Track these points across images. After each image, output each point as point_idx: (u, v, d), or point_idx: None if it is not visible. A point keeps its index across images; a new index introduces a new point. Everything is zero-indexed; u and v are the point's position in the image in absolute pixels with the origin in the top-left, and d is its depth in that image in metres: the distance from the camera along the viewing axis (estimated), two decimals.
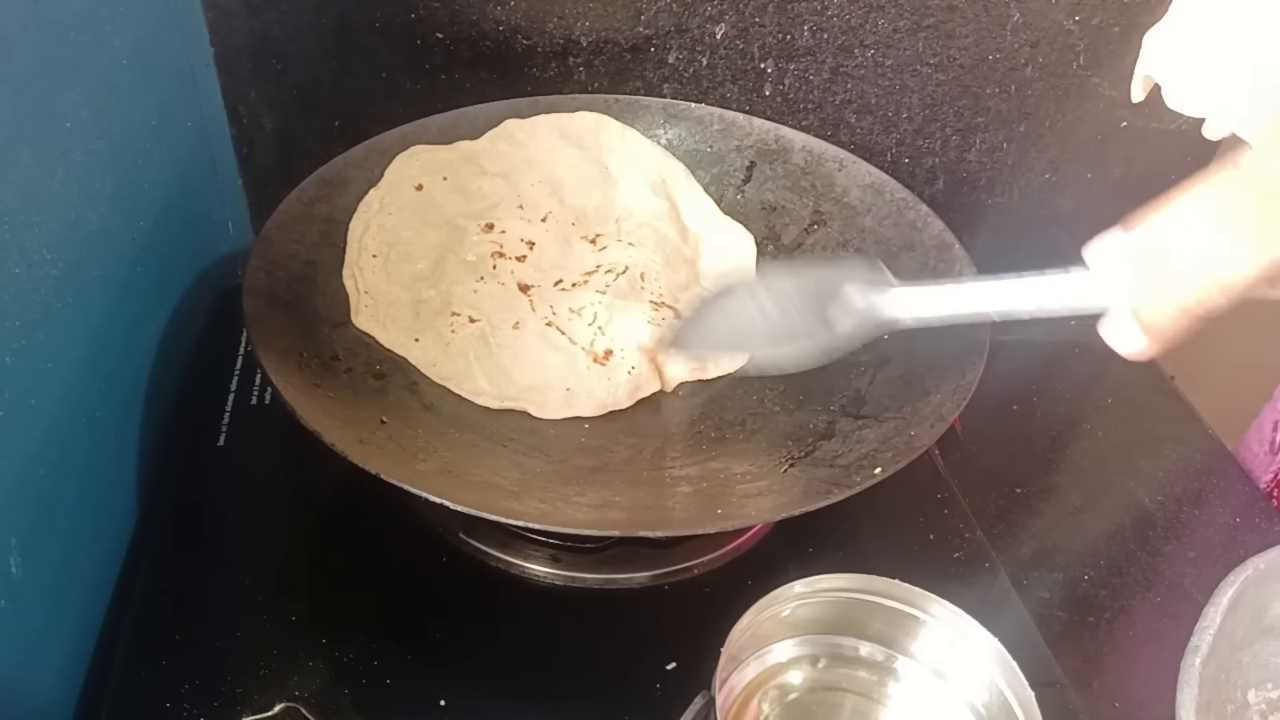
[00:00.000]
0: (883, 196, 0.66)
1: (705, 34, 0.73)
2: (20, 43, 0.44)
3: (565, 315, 0.59)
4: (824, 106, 0.76)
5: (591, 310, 0.59)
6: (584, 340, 0.58)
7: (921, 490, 0.62)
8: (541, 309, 0.59)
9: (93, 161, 0.51)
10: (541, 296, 0.60)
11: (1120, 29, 0.74)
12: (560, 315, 0.59)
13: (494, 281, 0.60)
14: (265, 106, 0.72)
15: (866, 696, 0.48)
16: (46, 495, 0.46)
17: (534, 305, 0.59)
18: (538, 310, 0.59)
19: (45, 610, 0.47)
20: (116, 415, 0.56)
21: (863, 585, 0.46)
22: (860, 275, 0.46)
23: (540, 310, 0.59)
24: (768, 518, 0.50)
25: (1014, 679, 0.43)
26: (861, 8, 0.72)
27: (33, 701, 0.45)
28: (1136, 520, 0.66)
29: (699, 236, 0.67)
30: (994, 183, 0.82)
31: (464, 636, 0.52)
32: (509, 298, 0.59)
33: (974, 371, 0.52)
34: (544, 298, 0.60)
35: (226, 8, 0.67)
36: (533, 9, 0.70)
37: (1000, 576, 0.57)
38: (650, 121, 0.71)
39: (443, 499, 0.44)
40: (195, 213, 0.71)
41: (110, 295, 0.54)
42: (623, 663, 0.51)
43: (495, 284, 0.60)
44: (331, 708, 0.47)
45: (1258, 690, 0.54)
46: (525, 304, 0.59)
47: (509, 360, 0.56)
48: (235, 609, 0.51)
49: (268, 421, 0.61)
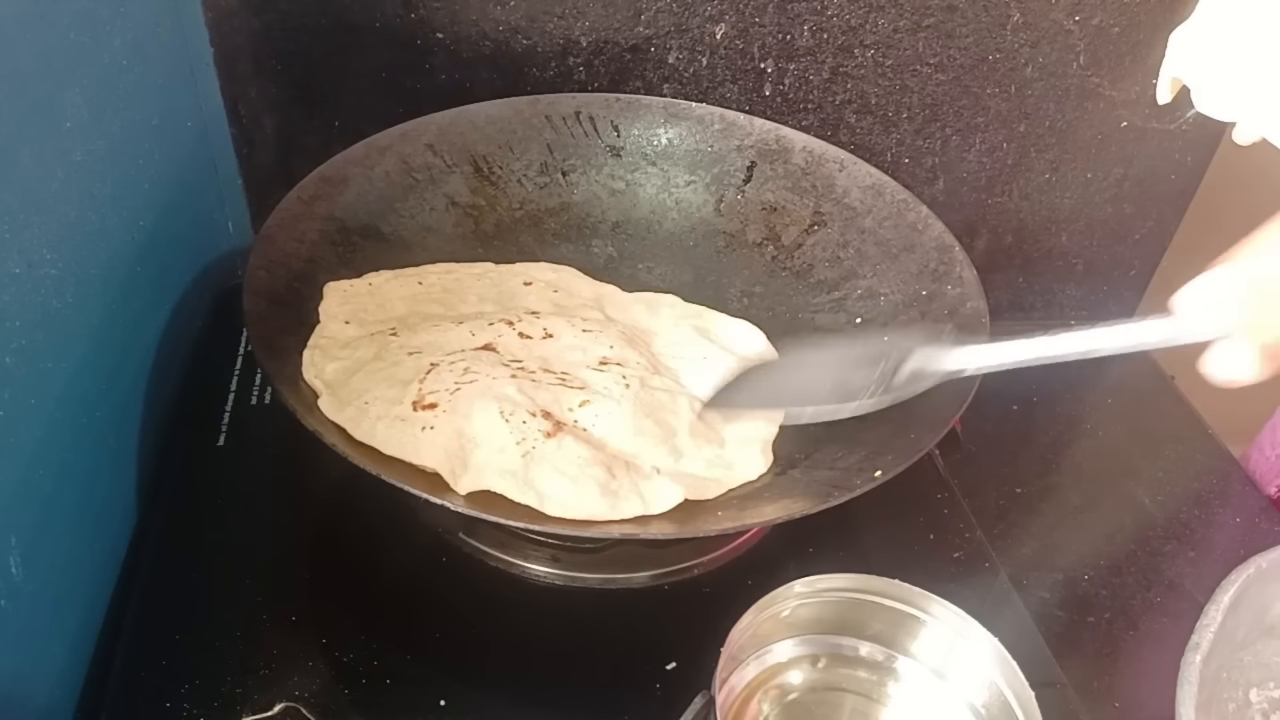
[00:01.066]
0: (883, 198, 0.66)
1: (705, 34, 0.73)
2: (20, 43, 0.44)
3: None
4: (824, 106, 0.76)
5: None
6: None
7: (922, 491, 0.62)
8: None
9: (93, 161, 0.51)
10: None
11: (1120, 29, 0.74)
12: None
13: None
14: (265, 106, 0.72)
15: (866, 696, 0.48)
16: (46, 495, 0.46)
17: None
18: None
19: (45, 610, 0.47)
20: (116, 415, 0.56)
21: (863, 585, 0.46)
22: (924, 342, 0.48)
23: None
24: (768, 520, 0.50)
25: (1014, 679, 0.43)
26: (861, 8, 0.72)
27: (33, 702, 0.45)
28: (1136, 520, 0.66)
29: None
30: (994, 183, 0.81)
31: (464, 636, 0.52)
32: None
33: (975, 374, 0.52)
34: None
35: (226, 8, 0.67)
36: (533, 9, 0.70)
37: (1000, 576, 0.57)
38: (650, 121, 0.71)
39: (443, 499, 0.44)
40: (195, 213, 0.71)
41: (110, 295, 0.54)
42: (623, 663, 0.51)
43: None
44: (331, 708, 0.47)
45: (1259, 689, 0.54)
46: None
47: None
48: (235, 609, 0.51)
49: (268, 421, 0.61)
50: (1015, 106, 0.77)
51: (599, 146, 0.71)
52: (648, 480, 0.50)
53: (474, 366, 0.54)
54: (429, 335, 0.56)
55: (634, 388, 0.55)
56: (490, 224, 0.68)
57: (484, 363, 0.54)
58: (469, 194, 0.68)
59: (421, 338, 0.56)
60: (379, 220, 0.64)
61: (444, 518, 0.55)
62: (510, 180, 0.70)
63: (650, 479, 0.51)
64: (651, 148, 0.71)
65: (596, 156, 0.71)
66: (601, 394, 0.54)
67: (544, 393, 0.53)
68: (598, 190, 0.71)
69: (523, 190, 0.70)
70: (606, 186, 0.71)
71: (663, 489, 0.50)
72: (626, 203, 0.71)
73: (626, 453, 0.52)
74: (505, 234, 0.68)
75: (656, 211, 0.71)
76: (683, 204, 0.71)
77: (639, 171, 0.72)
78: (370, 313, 0.58)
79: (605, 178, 0.71)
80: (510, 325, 0.58)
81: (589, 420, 0.53)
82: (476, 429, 0.50)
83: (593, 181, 0.71)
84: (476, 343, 0.56)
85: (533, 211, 0.70)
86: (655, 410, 0.55)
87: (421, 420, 0.50)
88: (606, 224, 0.71)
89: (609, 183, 0.71)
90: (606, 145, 0.71)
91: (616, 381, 0.55)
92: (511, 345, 0.57)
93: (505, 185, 0.69)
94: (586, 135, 0.71)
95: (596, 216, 0.71)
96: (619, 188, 0.71)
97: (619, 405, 0.54)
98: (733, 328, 0.64)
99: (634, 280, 0.68)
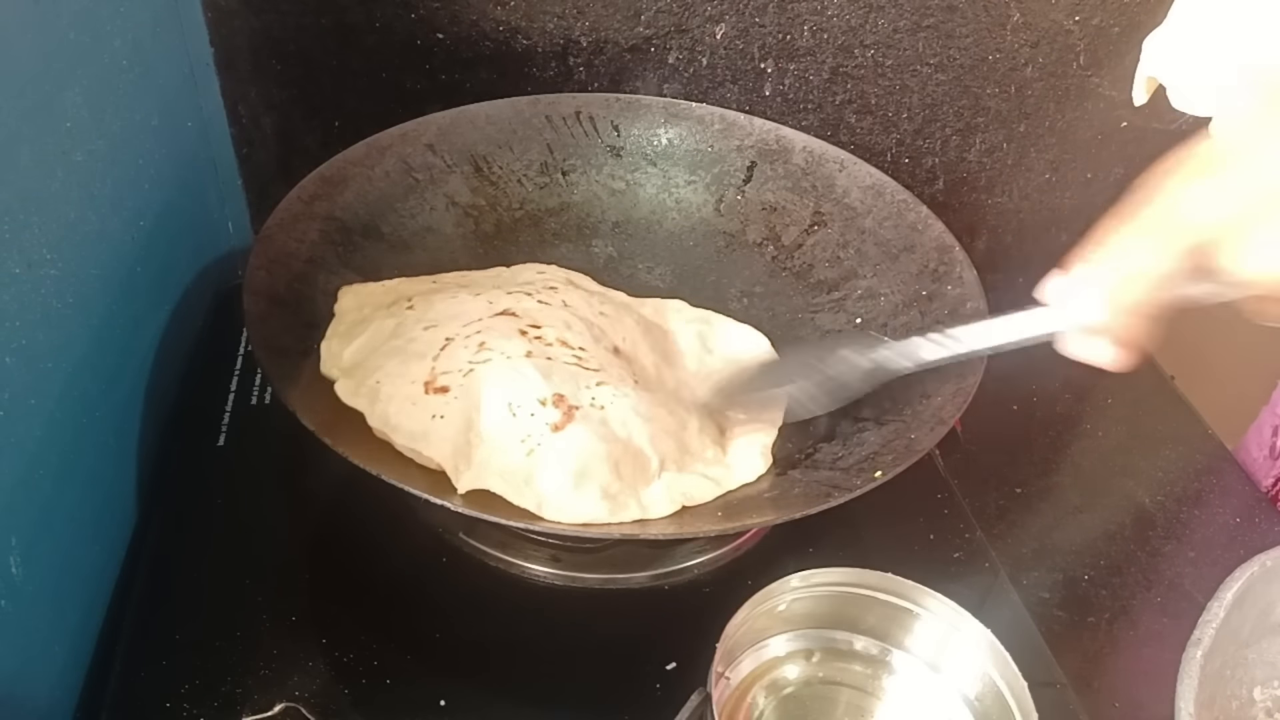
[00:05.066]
0: (883, 198, 0.66)
1: (705, 34, 0.73)
2: (20, 43, 0.44)
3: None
4: (824, 106, 0.76)
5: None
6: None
7: (922, 490, 0.62)
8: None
9: (93, 161, 0.51)
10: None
11: (1120, 29, 0.74)
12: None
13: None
14: (265, 106, 0.72)
15: (861, 690, 0.48)
16: (46, 495, 0.46)
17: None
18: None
19: (45, 610, 0.47)
20: (116, 415, 0.56)
21: (857, 580, 0.47)
22: (856, 342, 0.52)
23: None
24: (768, 520, 0.50)
25: (1007, 670, 0.43)
26: (861, 8, 0.72)
27: (33, 702, 0.45)
28: (1136, 520, 0.66)
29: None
30: (994, 183, 0.81)
31: (464, 636, 0.52)
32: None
33: (974, 375, 0.52)
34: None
35: (226, 8, 0.67)
36: (533, 9, 0.70)
37: (1000, 576, 0.57)
38: (650, 121, 0.71)
39: (443, 499, 0.44)
40: (195, 213, 0.71)
41: (110, 295, 0.54)
42: (623, 663, 0.51)
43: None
44: (331, 708, 0.47)
45: (1263, 688, 0.54)
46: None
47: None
48: (235, 609, 0.51)
49: (268, 421, 0.61)
50: (1015, 106, 0.77)
51: (599, 146, 0.71)
52: (648, 487, 0.50)
53: (490, 340, 0.53)
54: (446, 306, 0.56)
55: (650, 373, 0.55)
56: (490, 224, 0.68)
57: (499, 334, 0.54)
58: (469, 194, 0.68)
59: (438, 309, 0.56)
60: (379, 220, 0.64)
61: (444, 518, 0.55)
62: (510, 180, 0.70)
63: (650, 485, 0.50)
64: (651, 148, 0.71)
65: (596, 156, 0.71)
66: (616, 378, 0.54)
67: (559, 371, 0.52)
68: (598, 190, 0.71)
69: (523, 190, 0.70)
70: (606, 186, 0.71)
71: (660, 496, 0.50)
72: (626, 203, 0.71)
73: (636, 442, 0.51)
74: (505, 234, 0.68)
75: (656, 211, 0.71)
76: (683, 204, 0.71)
77: (639, 171, 0.72)
78: (384, 299, 0.59)
79: (605, 178, 0.71)
80: (529, 295, 0.58)
81: (606, 398, 0.52)
82: (483, 423, 0.50)
83: (593, 181, 0.71)
84: (495, 309, 0.56)
85: (533, 211, 0.70)
86: (668, 400, 0.55)
87: (433, 407, 0.50)
88: (606, 224, 0.71)
89: (609, 183, 0.71)
90: (606, 145, 0.71)
91: (629, 366, 0.55)
92: (530, 309, 0.56)
93: (505, 185, 0.69)
94: (586, 135, 0.71)
95: (596, 216, 0.71)
96: (619, 188, 0.71)
97: (634, 389, 0.53)
98: (738, 332, 0.64)
99: (634, 280, 0.68)
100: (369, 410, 0.50)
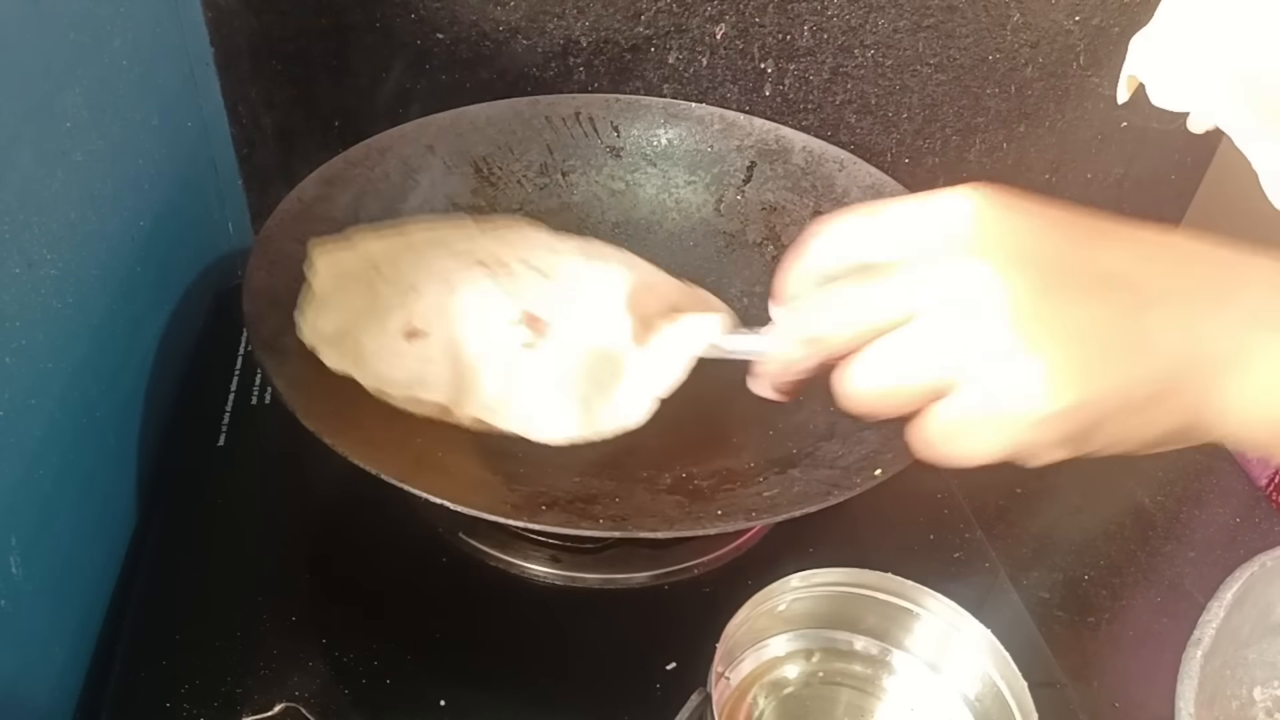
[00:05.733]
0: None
1: (705, 34, 0.73)
2: (20, 43, 0.44)
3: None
4: (824, 106, 0.76)
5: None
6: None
7: (921, 490, 0.62)
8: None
9: (93, 161, 0.51)
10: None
11: (1120, 29, 0.74)
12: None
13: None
14: (265, 106, 0.72)
15: (861, 690, 0.48)
16: (47, 495, 0.46)
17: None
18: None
19: (45, 610, 0.47)
20: (116, 415, 0.56)
21: (857, 579, 0.47)
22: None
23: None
24: (768, 519, 0.50)
25: (1007, 670, 0.43)
26: (861, 8, 0.72)
27: (33, 702, 0.45)
28: (1136, 520, 0.66)
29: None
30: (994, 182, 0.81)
31: (464, 636, 0.52)
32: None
33: None
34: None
35: (226, 8, 0.68)
36: (533, 9, 0.70)
37: (1000, 576, 0.57)
38: (650, 121, 0.71)
39: (443, 499, 0.44)
40: (195, 213, 0.71)
41: (110, 295, 0.54)
42: (623, 662, 0.51)
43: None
44: (331, 708, 0.47)
45: (1264, 688, 0.54)
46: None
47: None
48: (235, 609, 0.51)
49: (268, 421, 0.61)
50: (1015, 106, 0.77)
51: (599, 147, 0.71)
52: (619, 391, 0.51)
53: (453, 277, 0.54)
54: (416, 259, 0.57)
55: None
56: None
57: (461, 269, 0.55)
58: (469, 195, 0.68)
59: (408, 263, 0.57)
60: (379, 221, 0.64)
61: (444, 517, 0.55)
62: (510, 181, 0.70)
63: (620, 391, 0.51)
64: (651, 148, 0.71)
65: (596, 157, 0.71)
66: (582, 286, 0.55)
67: (525, 290, 0.53)
68: (598, 191, 0.71)
69: (523, 191, 0.70)
70: (606, 187, 0.71)
71: (632, 400, 0.50)
72: (626, 203, 0.71)
73: (606, 343, 0.51)
74: None
75: (656, 212, 0.71)
76: (683, 204, 0.71)
77: (639, 172, 0.72)
78: (355, 264, 0.59)
79: (605, 178, 0.71)
80: (485, 234, 0.59)
81: (574, 306, 0.53)
82: (465, 355, 0.51)
83: (593, 182, 0.71)
84: (457, 253, 0.57)
85: (532, 212, 0.70)
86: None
87: (416, 351, 0.51)
88: (606, 224, 0.71)
89: (609, 183, 0.71)
90: (606, 146, 0.71)
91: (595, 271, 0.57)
92: (489, 245, 0.57)
93: (505, 186, 0.69)
94: (586, 136, 0.71)
95: (596, 217, 0.71)
96: (619, 188, 0.71)
97: (601, 286, 0.54)
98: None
99: None
100: (358, 371, 0.50)
